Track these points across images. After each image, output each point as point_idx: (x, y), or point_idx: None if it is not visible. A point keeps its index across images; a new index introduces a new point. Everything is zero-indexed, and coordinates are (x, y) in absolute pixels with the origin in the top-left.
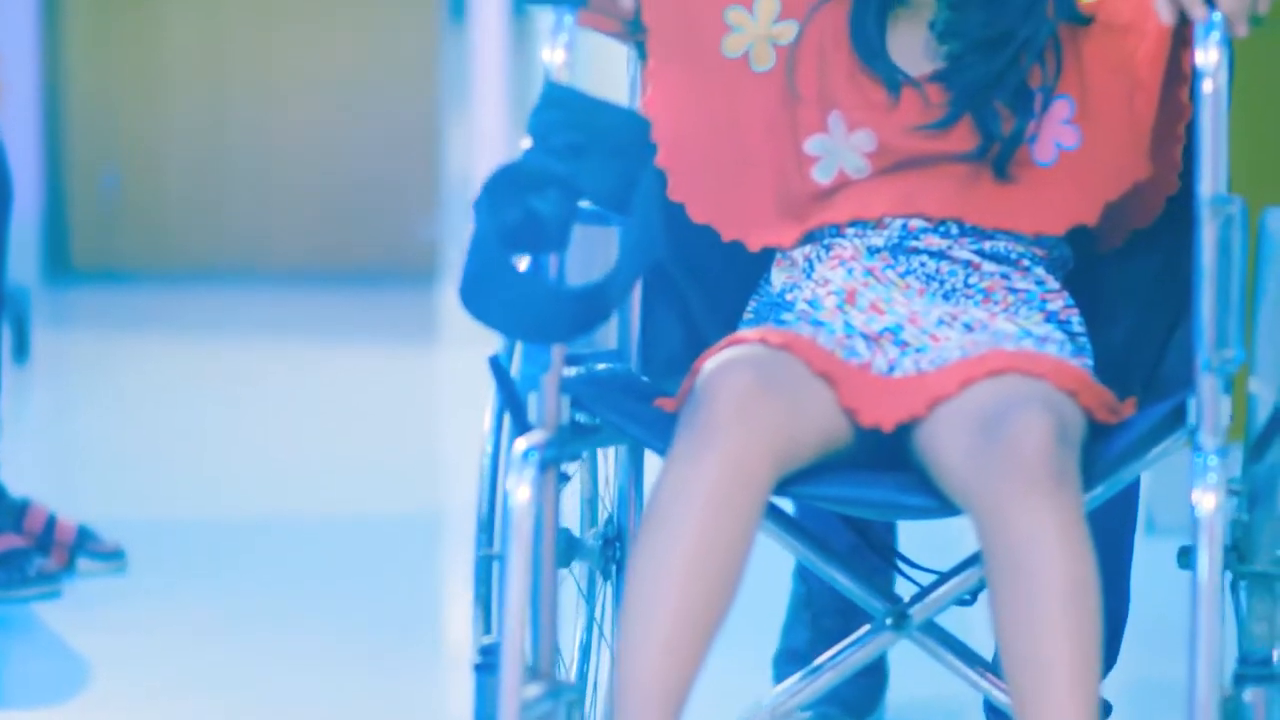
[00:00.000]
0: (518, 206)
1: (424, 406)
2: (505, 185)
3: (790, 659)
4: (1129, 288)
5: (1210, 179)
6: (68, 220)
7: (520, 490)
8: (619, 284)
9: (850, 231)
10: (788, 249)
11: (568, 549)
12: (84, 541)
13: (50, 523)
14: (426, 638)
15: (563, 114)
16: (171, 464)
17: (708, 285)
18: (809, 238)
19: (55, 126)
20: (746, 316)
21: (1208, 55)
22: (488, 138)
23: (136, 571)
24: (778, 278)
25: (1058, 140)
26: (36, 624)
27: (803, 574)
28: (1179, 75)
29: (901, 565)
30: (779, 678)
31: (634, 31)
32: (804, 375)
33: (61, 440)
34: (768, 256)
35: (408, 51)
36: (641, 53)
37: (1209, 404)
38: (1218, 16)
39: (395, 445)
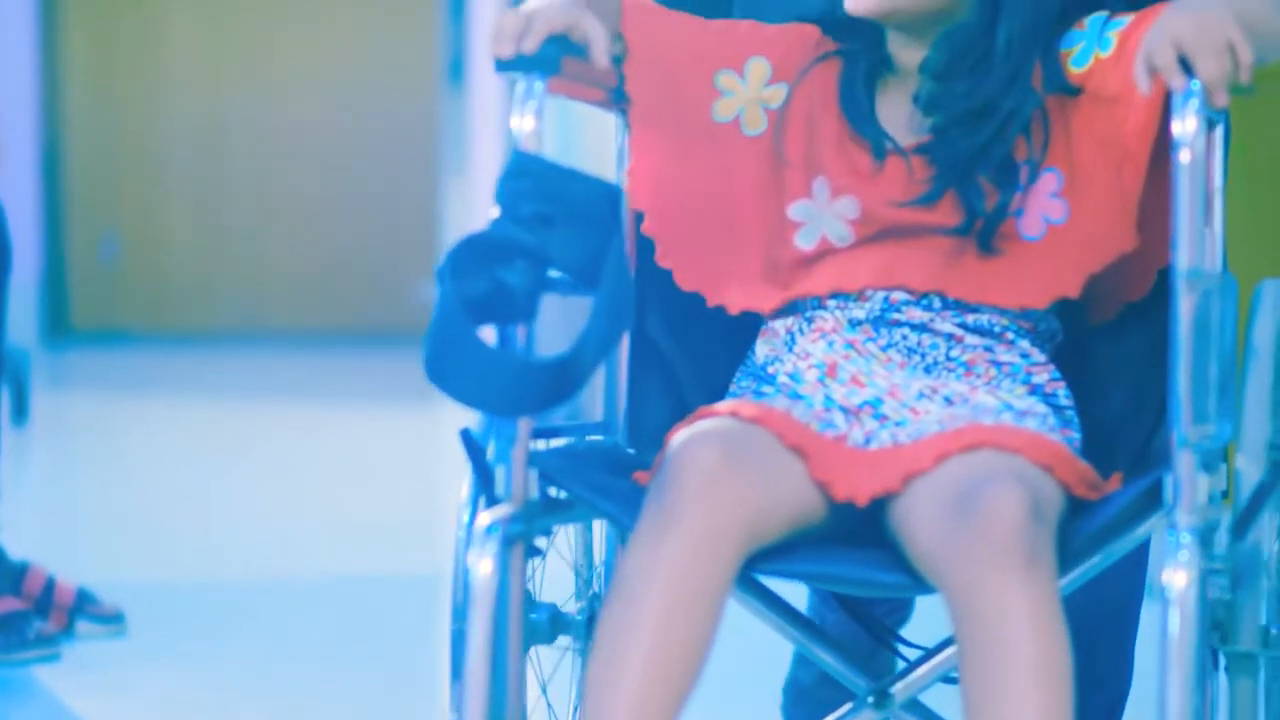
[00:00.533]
0: (485, 277)
1: (423, 468)
2: (471, 255)
3: (797, 694)
4: (1121, 361)
5: (1187, 251)
6: (67, 282)
7: (482, 565)
8: (588, 356)
9: (832, 303)
10: (767, 315)
11: (552, 625)
12: (83, 604)
13: (49, 585)
14: (426, 700)
15: (531, 183)
16: (171, 526)
17: (695, 355)
18: (791, 309)
19: (54, 188)
20: (733, 388)
21: (1185, 125)
22: (486, 200)
23: (136, 634)
24: (761, 350)
25: (1045, 214)
26: (36, 687)
27: (816, 608)
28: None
29: (898, 645)
30: (786, 707)
31: (617, 100)
32: (775, 449)
33: (61, 503)
34: (755, 326)
35: (406, 115)
36: (625, 120)
37: (1186, 481)
38: (1196, 85)
39: (394, 507)
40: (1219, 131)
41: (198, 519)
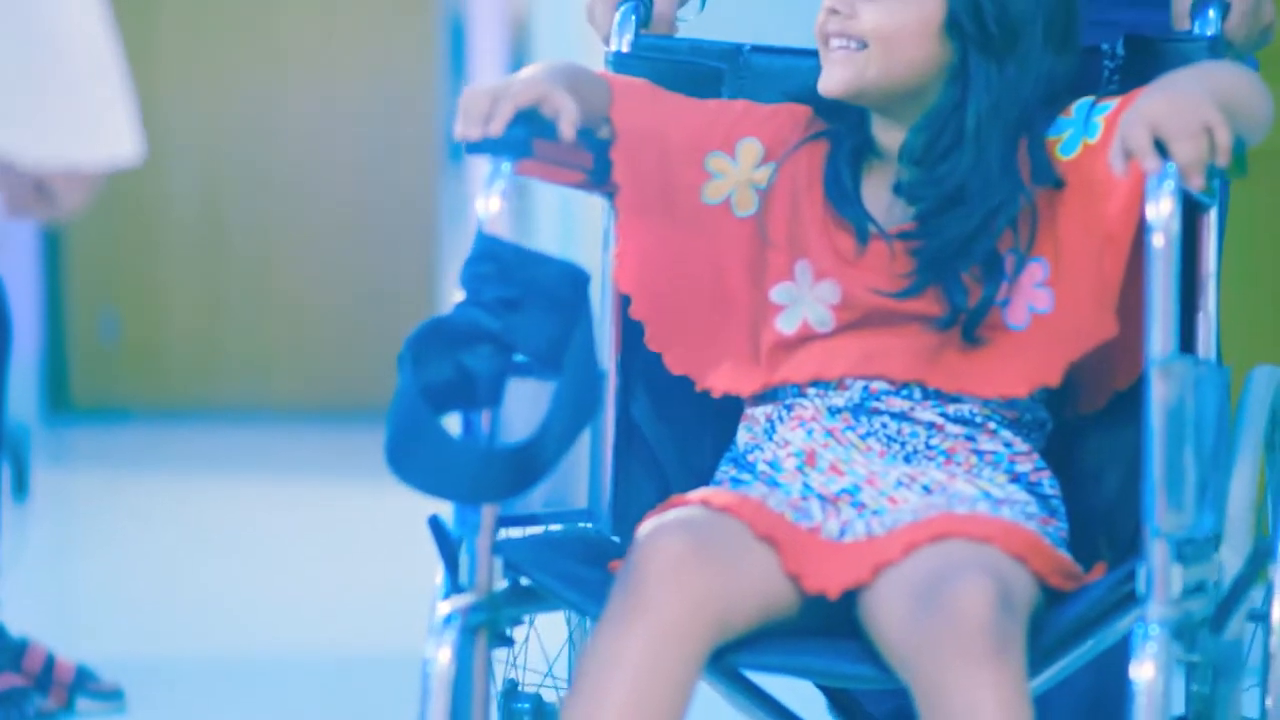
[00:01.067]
0: (447, 362)
1: (426, 548)
2: (434, 340)
3: None
4: (1113, 450)
5: (1161, 338)
6: (67, 359)
7: (440, 654)
8: (551, 443)
9: (811, 391)
10: (747, 400)
11: (536, 716)
12: (83, 681)
13: (49, 662)
14: None
15: (495, 267)
16: (171, 604)
17: (681, 440)
18: (771, 395)
19: (54, 265)
20: (716, 475)
21: (1159, 208)
22: None
23: (135, 711)
24: (742, 436)
25: (1031, 303)
26: None
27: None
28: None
29: None
30: None
31: (599, 183)
32: (746, 539)
33: (60, 580)
34: (741, 411)
35: (407, 194)
36: (611, 203)
37: (1159, 572)
38: (1172, 167)
39: (397, 586)
40: (1212, 215)
41: (197, 596)
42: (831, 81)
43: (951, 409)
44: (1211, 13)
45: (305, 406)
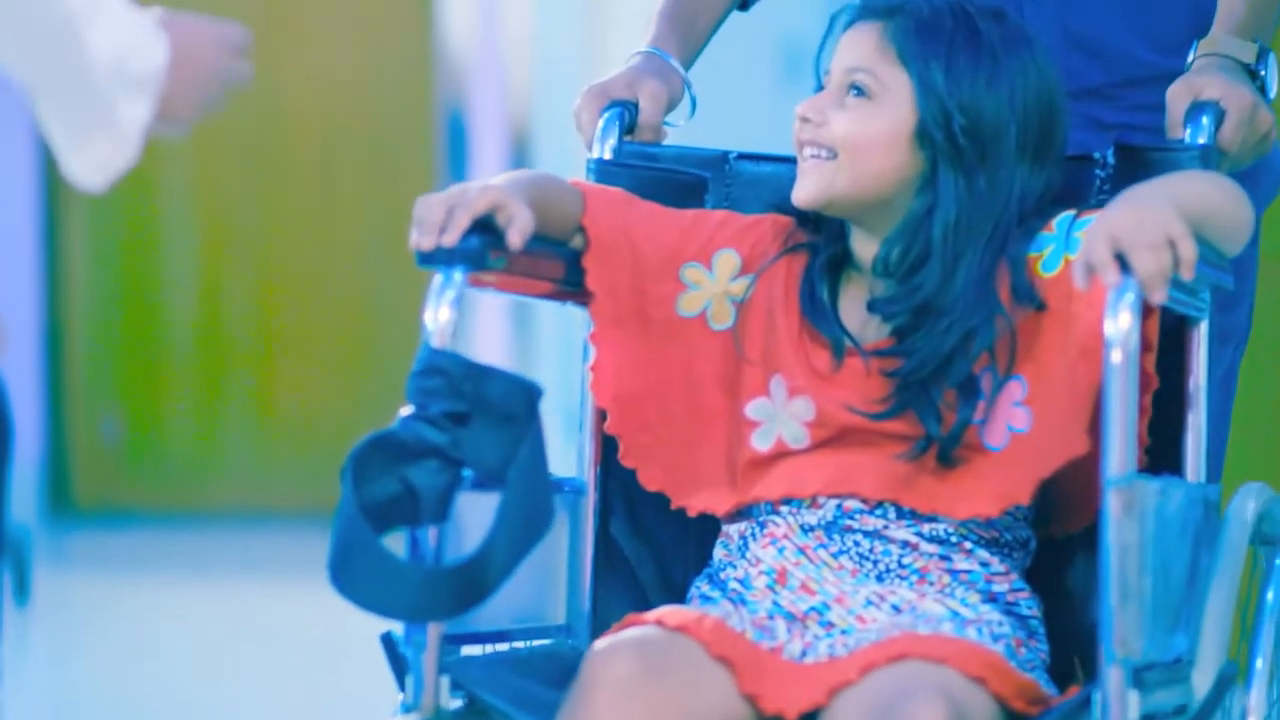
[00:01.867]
0: (392, 478)
1: None
2: (378, 455)
3: None
4: (1093, 571)
5: (1118, 457)
6: (68, 461)
7: None
8: (497, 560)
9: (785, 509)
10: (721, 517)
11: None
12: None
13: None
14: None
15: (442, 381)
16: (173, 709)
17: (659, 556)
18: (744, 513)
19: (56, 367)
20: (691, 591)
21: (1118, 323)
22: None
23: None
24: (718, 554)
25: (1009, 422)
26: None
27: None
28: (1142, 345)
29: None
30: None
31: (569, 288)
32: (700, 659)
33: (62, 685)
34: (718, 527)
35: (410, 294)
36: (582, 307)
37: (1114, 699)
38: (1131, 281)
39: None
40: (1203, 329)
41: (199, 701)
42: (802, 191)
43: (926, 528)
44: (1205, 120)
45: (307, 510)
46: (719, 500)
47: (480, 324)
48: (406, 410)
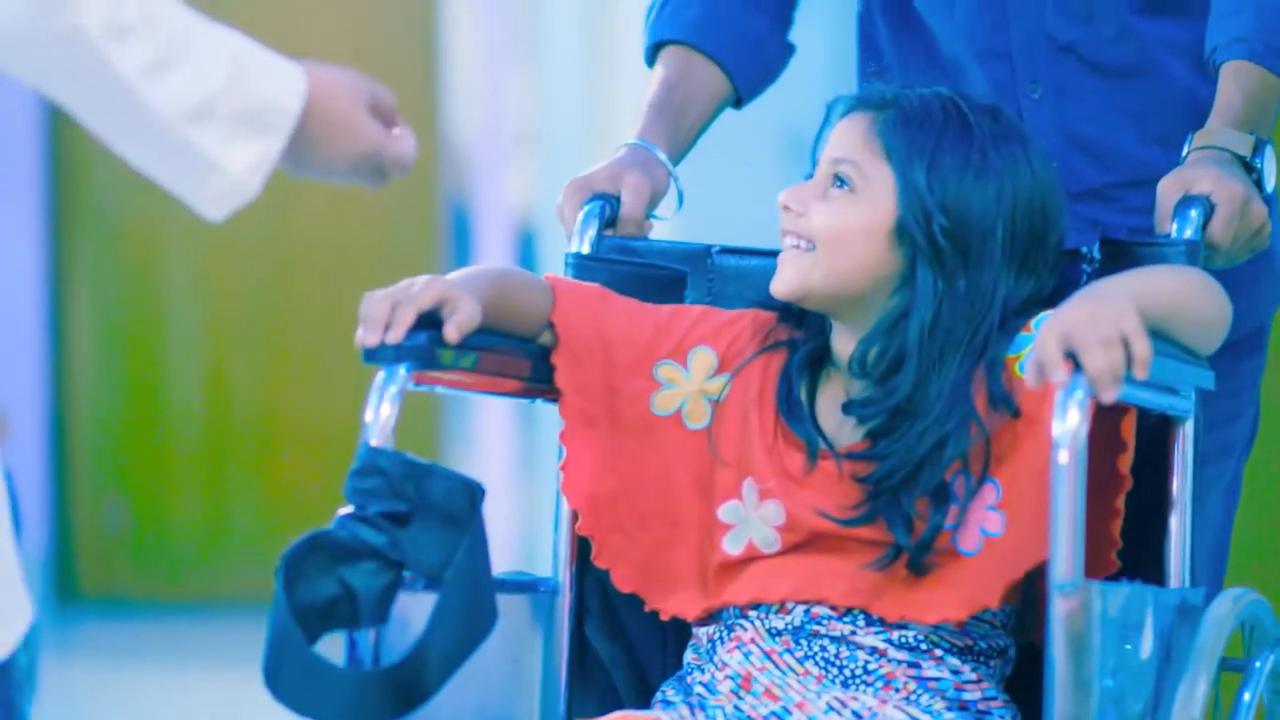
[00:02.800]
0: (330, 579)
1: None
2: (311, 556)
3: None
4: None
5: (1065, 560)
6: (74, 550)
7: None
8: (434, 663)
9: (753, 614)
10: (691, 621)
11: None
12: None
13: None
14: None
15: (381, 481)
16: None
17: (633, 658)
18: (714, 617)
19: (61, 456)
20: (656, 696)
21: (1065, 422)
22: (494, 473)
23: None
24: (688, 657)
25: (983, 526)
26: None
27: None
28: (1117, 444)
29: None
30: None
31: (540, 385)
32: None
33: None
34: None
35: (411, 396)
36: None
37: None
38: (1081, 380)
39: None
40: (1187, 429)
41: None
42: (780, 281)
43: (895, 634)
44: (1194, 213)
45: None
46: (690, 604)
47: (486, 418)
48: (345, 510)
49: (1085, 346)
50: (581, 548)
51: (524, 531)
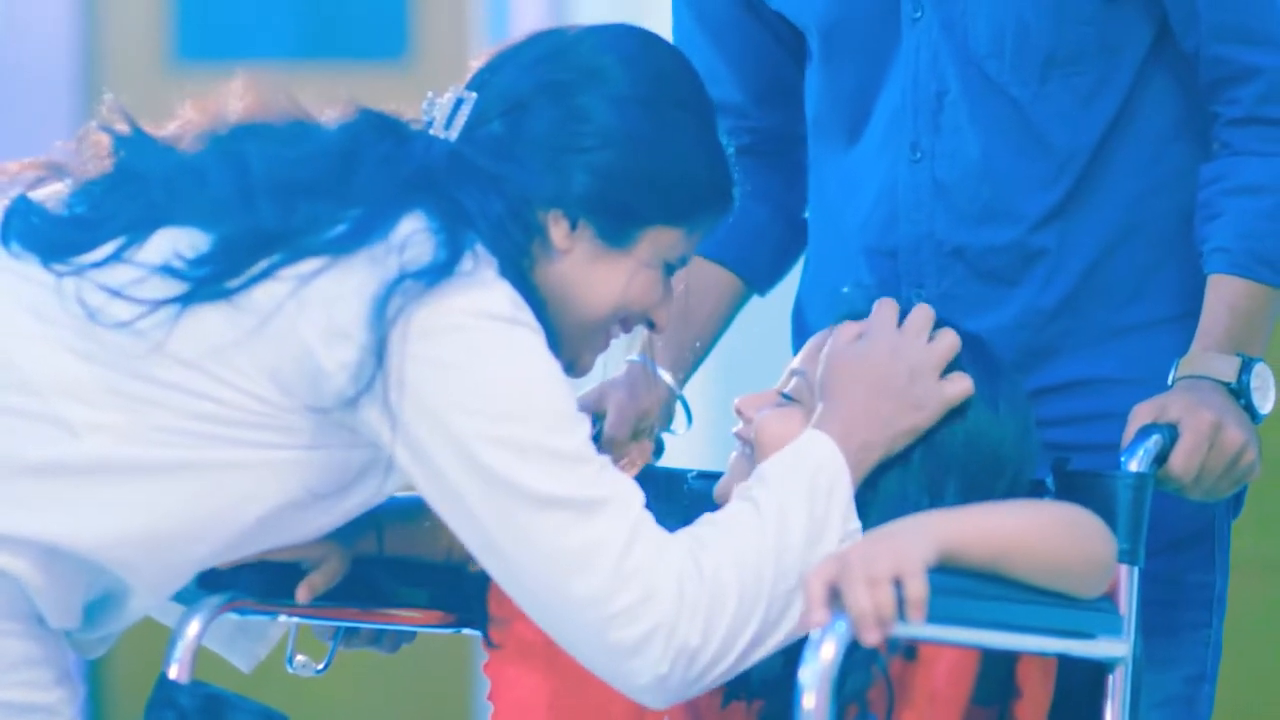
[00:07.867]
0: None
1: None
2: None
3: None
4: None
5: None
6: None
7: None
8: None
9: None
10: None
11: None
12: None
13: None
14: None
15: (174, 716)
16: None
17: None
18: None
19: (94, 693)
20: None
21: (813, 667)
22: None
23: None
24: None
25: None
26: None
27: None
28: (1014, 690)
29: None
30: None
31: (469, 622)
32: None
33: None
34: None
35: None
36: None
37: None
38: (841, 621)
39: None
40: (1120, 675)
41: None
42: (720, 485)
43: None
44: (1146, 444)
45: None
46: None
47: None
48: None
49: (849, 584)
50: None
51: None
